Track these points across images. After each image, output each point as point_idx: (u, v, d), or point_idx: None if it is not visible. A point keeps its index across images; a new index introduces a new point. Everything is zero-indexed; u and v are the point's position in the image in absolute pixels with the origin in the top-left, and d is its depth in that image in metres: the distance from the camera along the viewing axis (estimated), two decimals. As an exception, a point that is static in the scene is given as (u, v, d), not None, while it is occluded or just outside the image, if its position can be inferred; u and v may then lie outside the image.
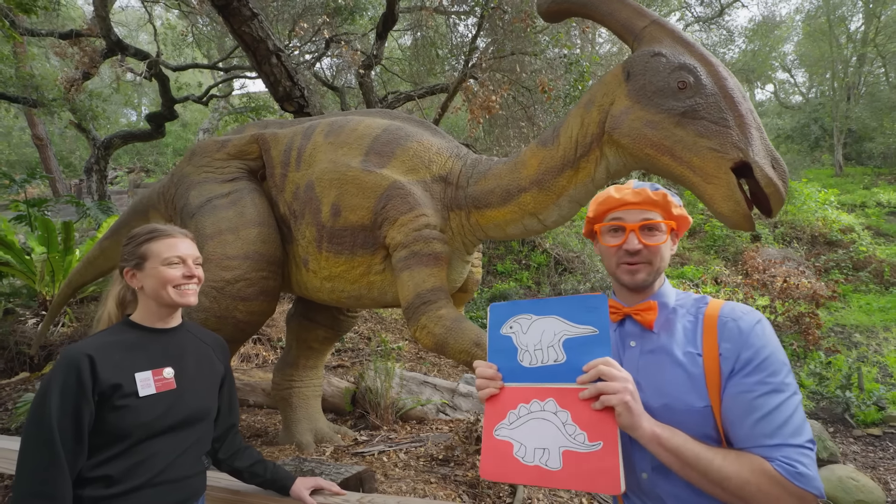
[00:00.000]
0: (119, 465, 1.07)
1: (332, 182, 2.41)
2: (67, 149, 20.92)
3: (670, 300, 1.03)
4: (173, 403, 1.15)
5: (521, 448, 0.94)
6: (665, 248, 1.03)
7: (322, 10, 7.49)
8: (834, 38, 18.02)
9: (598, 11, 1.91)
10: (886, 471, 3.64)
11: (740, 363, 0.89)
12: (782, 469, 0.81)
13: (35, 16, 4.60)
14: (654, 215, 1.02)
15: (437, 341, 2.07)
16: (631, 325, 1.04)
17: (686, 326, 0.98)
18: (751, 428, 0.86)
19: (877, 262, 9.69)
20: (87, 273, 3.83)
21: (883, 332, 7.41)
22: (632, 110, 1.75)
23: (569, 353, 0.95)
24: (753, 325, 0.91)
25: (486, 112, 5.19)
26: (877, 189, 14.04)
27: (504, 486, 2.52)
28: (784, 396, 0.86)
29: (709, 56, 1.70)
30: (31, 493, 0.99)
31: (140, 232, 1.25)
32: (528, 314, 1.02)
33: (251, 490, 1.36)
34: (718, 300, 0.99)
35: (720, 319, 0.94)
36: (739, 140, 1.56)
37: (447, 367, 5.71)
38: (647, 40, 1.80)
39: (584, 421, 0.90)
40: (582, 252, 8.78)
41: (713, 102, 1.62)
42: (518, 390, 0.98)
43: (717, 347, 0.92)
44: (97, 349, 1.09)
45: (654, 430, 0.86)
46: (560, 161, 2.01)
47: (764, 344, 0.90)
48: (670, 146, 1.66)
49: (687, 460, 0.85)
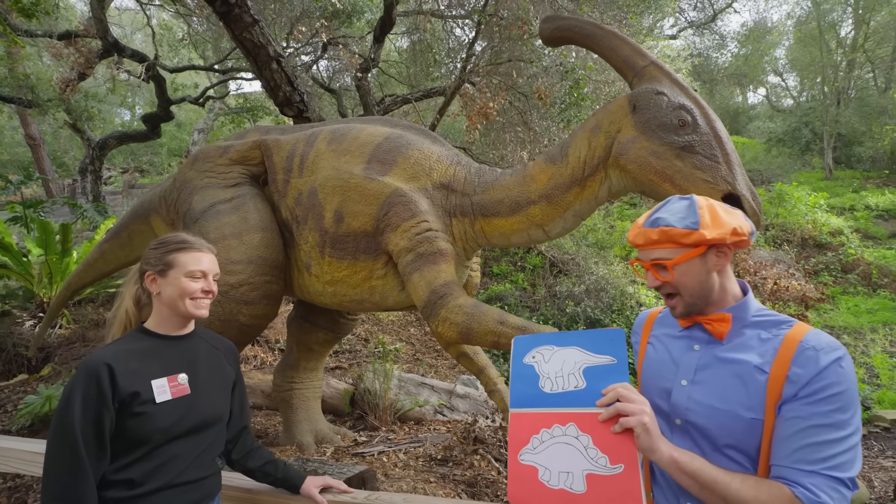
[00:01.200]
0: (140, 469, 1.12)
1: (336, 189, 2.47)
2: (61, 149, 20.77)
3: (748, 314, 1.00)
4: (189, 408, 1.20)
5: (546, 472, 0.96)
6: (691, 276, 0.99)
7: (320, 14, 7.53)
8: (824, 44, 18.30)
9: (601, 45, 2.12)
10: (871, 469, 3.76)
11: (807, 391, 0.87)
12: (803, 496, 0.80)
13: (37, 21, 4.62)
14: (662, 253, 1.00)
15: (460, 330, 2.15)
16: (700, 331, 1.03)
17: (761, 342, 0.96)
18: (794, 451, 0.85)
19: (865, 265, 9.87)
20: (87, 275, 3.85)
21: (870, 334, 7.57)
22: (638, 140, 1.98)
23: (589, 380, 0.99)
24: (833, 361, 0.87)
25: (484, 118, 5.28)
26: (865, 192, 14.29)
27: (502, 483, 2.59)
28: (842, 435, 0.83)
29: (700, 99, 1.98)
30: (58, 496, 1.04)
31: (170, 240, 1.30)
32: (550, 345, 1.07)
33: (263, 489, 1.42)
34: (806, 325, 0.96)
35: (801, 344, 0.91)
36: (727, 175, 1.83)
37: (444, 369, 5.78)
38: (648, 78, 2.04)
39: (605, 445, 0.93)
40: (577, 254, 8.87)
41: (707, 141, 1.87)
42: (540, 416, 1.01)
43: (787, 369, 0.90)
44: (115, 358, 1.15)
45: (671, 454, 0.88)
46: (569, 179, 2.19)
47: (839, 381, 0.87)
48: (671, 175, 1.91)
49: (704, 483, 0.86)
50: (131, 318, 1.31)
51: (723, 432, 0.93)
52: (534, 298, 8.17)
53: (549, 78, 5.60)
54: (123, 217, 3.50)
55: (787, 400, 0.89)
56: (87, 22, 9.43)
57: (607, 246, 9.48)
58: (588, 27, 2.16)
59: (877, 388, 5.66)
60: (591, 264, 8.41)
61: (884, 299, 8.85)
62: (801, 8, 21.75)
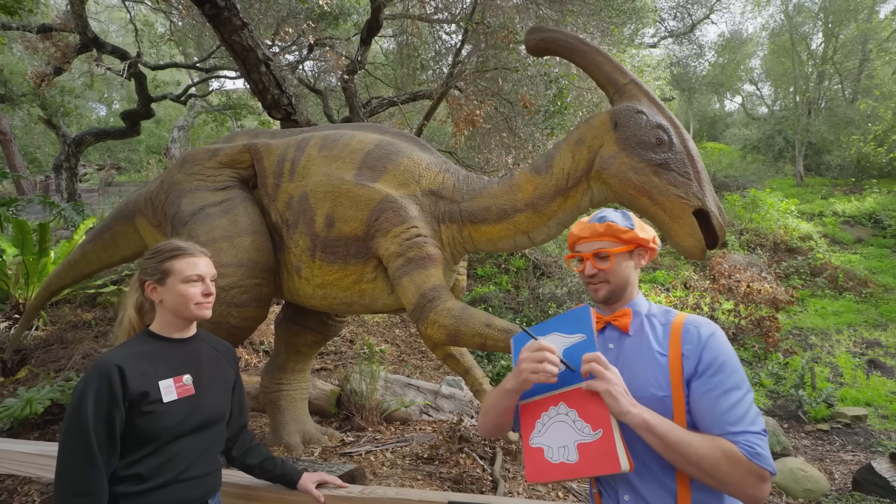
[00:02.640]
0: (148, 465, 1.18)
1: (327, 194, 2.52)
2: (33, 144, 20.09)
3: (643, 309, 1.21)
4: (193, 407, 1.26)
5: (550, 450, 1.09)
6: (621, 267, 1.20)
7: (307, 16, 7.53)
8: (796, 55, 19.01)
9: (584, 59, 2.22)
10: (832, 462, 3.98)
11: (703, 365, 1.06)
12: (745, 450, 0.98)
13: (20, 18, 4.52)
14: (604, 244, 1.20)
15: (448, 332, 2.23)
16: (610, 330, 1.21)
17: (656, 331, 1.15)
18: (718, 418, 1.02)
19: (832, 269, 10.31)
20: (67, 276, 3.80)
21: (835, 335, 7.93)
22: (619, 156, 2.09)
23: (568, 360, 1.11)
24: (711, 334, 1.09)
25: (471, 125, 5.37)
26: (833, 199, 14.90)
27: (486, 480, 2.68)
28: (742, 393, 1.04)
29: (675, 119, 2.11)
30: (72, 491, 1.10)
31: (163, 248, 1.35)
32: (540, 336, 1.19)
33: (261, 485, 1.48)
34: (684, 313, 1.18)
35: (684, 326, 1.12)
36: (698, 191, 1.97)
37: (429, 370, 5.85)
38: (628, 96, 2.15)
39: (588, 414, 1.05)
40: (559, 257, 9.05)
41: (680, 159, 2.01)
42: (540, 402, 1.15)
43: (680, 348, 1.09)
44: (125, 360, 1.20)
45: (643, 416, 1.00)
46: (553, 189, 2.29)
47: (721, 350, 1.07)
48: (648, 189, 2.02)
49: (670, 443, 0.99)
50: (134, 325, 1.36)
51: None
52: (517, 300, 8.31)
53: (533, 87, 5.74)
54: (107, 218, 3.47)
55: (690, 378, 1.07)
56: (65, 16, 9.20)
57: (589, 249, 9.67)
58: (572, 41, 2.26)
59: (840, 387, 5.95)
60: (572, 267, 8.58)
61: (849, 302, 9.27)
62: (775, 20, 22.57)
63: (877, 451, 4.20)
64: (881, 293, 9.57)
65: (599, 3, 6.09)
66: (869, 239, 12.46)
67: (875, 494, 3.30)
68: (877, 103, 16.49)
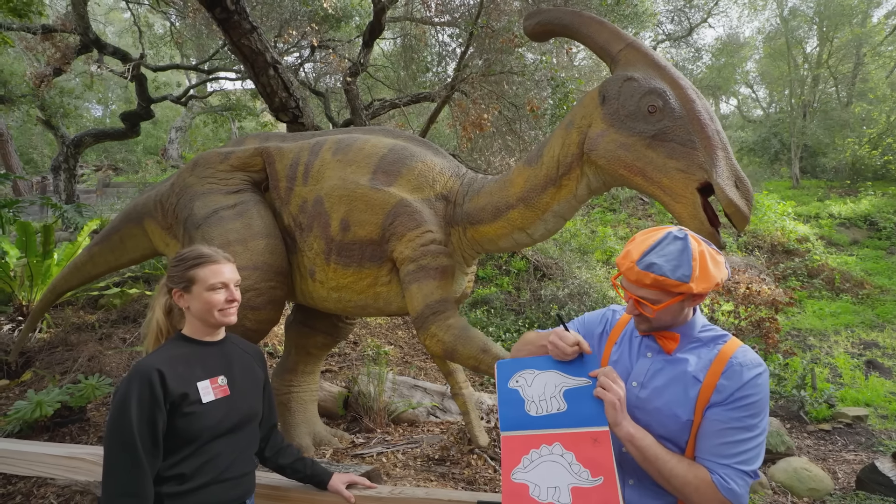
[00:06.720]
0: (190, 465, 1.20)
1: (342, 198, 2.54)
2: (29, 145, 19.97)
3: (694, 331, 1.16)
4: (230, 407, 1.29)
5: (536, 488, 1.07)
6: (666, 312, 1.11)
7: (309, 19, 7.55)
8: (792, 59, 19.19)
9: (580, 33, 2.01)
10: (835, 462, 4.03)
11: (731, 398, 1.05)
12: (718, 481, 1.01)
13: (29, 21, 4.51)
14: (648, 294, 1.08)
15: (446, 348, 2.24)
16: (653, 342, 1.18)
17: (700, 356, 1.12)
18: (714, 447, 1.04)
19: (828, 270, 10.41)
20: (73, 279, 3.80)
21: (833, 336, 8.01)
22: (607, 133, 1.86)
23: (569, 402, 1.11)
24: (754, 376, 1.06)
25: (478, 129, 5.40)
26: (829, 201, 15.03)
27: (499, 482, 2.70)
28: (751, 435, 1.04)
29: (679, 79, 1.76)
30: (120, 493, 1.12)
31: (188, 256, 1.37)
32: (531, 369, 1.18)
33: (291, 485, 1.50)
34: (737, 341, 1.12)
35: (730, 360, 1.08)
36: (705, 161, 1.65)
37: (433, 371, 5.87)
38: (623, 63, 1.89)
39: (587, 460, 1.05)
40: (560, 259, 9.09)
41: (681, 125, 1.70)
42: (529, 438, 1.12)
43: (717, 379, 1.07)
44: (164, 363, 1.23)
45: (629, 429, 1.06)
46: (543, 179, 2.13)
47: (756, 392, 1.05)
48: (642, 167, 1.77)
49: (647, 457, 1.05)
50: (162, 328, 1.38)
51: (662, 429, 1.10)
52: (518, 302, 8.34)
53: (539, 91, 5.78)
54: (114, 220, 3.47)
55: (712, 405, 1.07)
56: (65, 17, 9.17)
57: (589, 251, 9.75)
58: (566, 16, 2.05)
59: (840, 387, 6.02)
60: (573, 269, 8.64)
61: (846, 303, 9.37)
62: (771, 24, 22.78)
63: (879, 451, 4.26)
64: (877, 294, 9.68)
65: (602, 9, 6.15)
66: (864, 241, 12.59)
67: (879, 493, 3.35)
68: (871, 106, 16.69)
